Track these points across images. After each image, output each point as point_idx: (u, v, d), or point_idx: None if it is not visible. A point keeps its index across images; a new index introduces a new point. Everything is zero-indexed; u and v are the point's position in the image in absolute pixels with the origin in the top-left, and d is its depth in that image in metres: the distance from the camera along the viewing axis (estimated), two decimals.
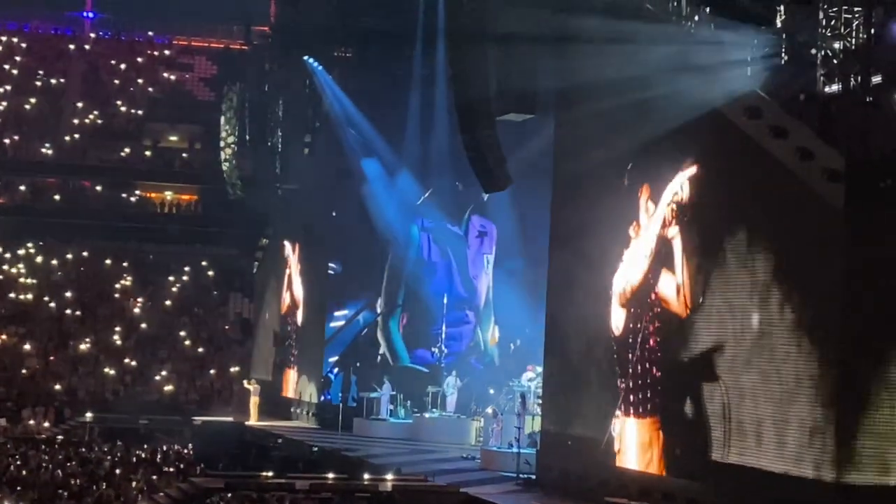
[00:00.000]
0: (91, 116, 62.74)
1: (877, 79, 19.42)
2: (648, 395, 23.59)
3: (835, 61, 19.69)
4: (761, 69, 21.40)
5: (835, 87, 19.69)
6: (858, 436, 18.52)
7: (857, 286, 18.87)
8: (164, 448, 37.74)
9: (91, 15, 66.99)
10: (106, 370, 49.86)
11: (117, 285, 56.45)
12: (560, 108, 27.45)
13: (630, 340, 24.23)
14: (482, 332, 39.64)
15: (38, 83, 63.48)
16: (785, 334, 19.85)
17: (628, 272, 24.53)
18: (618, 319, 24.76)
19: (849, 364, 18.76)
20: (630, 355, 24.14)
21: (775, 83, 21.01)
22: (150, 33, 66.51)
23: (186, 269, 58.17)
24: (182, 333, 53.73)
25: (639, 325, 24.01)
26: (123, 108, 63.42)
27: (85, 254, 57.67)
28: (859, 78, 19.38)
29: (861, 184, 18.72)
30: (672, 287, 22.94)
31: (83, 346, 51.50)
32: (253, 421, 41.67)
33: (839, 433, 18.55)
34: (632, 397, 24.05)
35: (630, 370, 24.13)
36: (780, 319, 19.99)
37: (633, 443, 23.92)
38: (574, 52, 25.07)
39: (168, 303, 55.96)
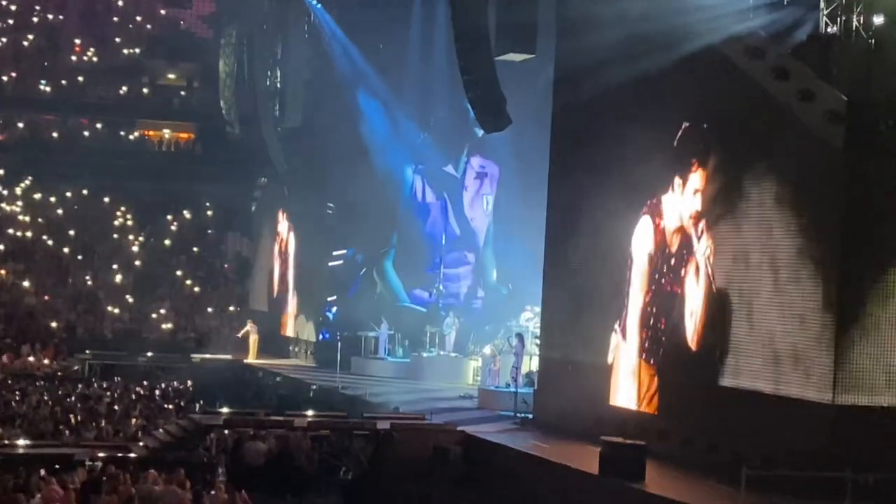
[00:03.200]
0: (89, 53, 62.39)
1: (879, 19, 19.32)
2: (653, 311, 23.76)
3: (837, 2, 19.55)
4: (764, 10, 21.25)
5: (836, 28, 19.58)
6: (854, 359, 18.85)
7: (856, 225, 19.01)
8: (163, 385, 37.94)
9: None
10: (105, 308, 50.03)
11: (116, 223, 56.46)
12: (561, 40, 27.26)
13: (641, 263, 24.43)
14: (485, 272, 39.62)
15: (36, 19, 63.03)
16: (787, 267, 20.01)
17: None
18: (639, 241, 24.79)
19: (847, 293, 19.00)
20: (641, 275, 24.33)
21: (777, 24, 20.88)
22: None
23: (185, 207, 58.15)
24: (180, 272, 53.82)
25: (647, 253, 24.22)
26: (122, 46, 63.05)
27: (84, 192, 57.62)
28: (861, 19, 19.29)
29: (862, 125, 18.71)
30: (685, 218, 23.02)
31: (82, 284, 51.59)
32: (252, 359, 41.82)
33: (836, 356, 18.86)
34: (631, 315, 24.30)
35: (643, 289, 24.23)
36: (783, 254, 20.12)
37: (628, 364, 24.17)
38: None
39: (167, 241, 56.00)
